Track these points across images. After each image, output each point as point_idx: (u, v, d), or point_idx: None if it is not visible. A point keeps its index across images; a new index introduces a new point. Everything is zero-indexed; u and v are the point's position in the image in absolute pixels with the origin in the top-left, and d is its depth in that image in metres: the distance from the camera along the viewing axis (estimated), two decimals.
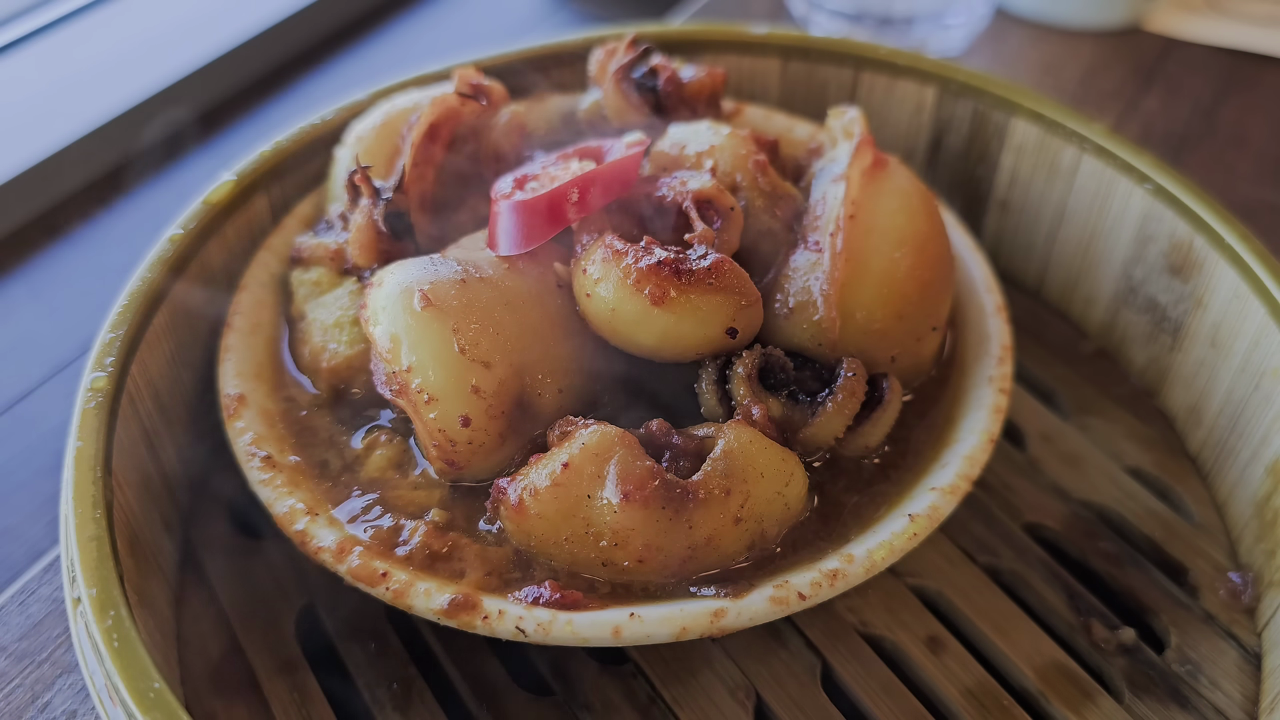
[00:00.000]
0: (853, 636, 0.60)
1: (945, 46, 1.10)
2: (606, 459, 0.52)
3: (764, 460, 0.54)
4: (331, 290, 0.65)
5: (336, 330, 0.63)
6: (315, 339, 0.63)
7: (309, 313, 0.65)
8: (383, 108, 0.71)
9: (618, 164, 0.61)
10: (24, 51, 1.09)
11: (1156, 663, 0.59)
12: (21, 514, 0.70)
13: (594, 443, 0.52)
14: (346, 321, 0.63)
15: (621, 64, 0.70)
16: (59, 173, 0.97)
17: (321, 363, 0.63)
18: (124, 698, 0.45)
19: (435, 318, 0.54)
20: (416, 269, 0.57)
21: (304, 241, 0.68)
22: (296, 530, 0.55)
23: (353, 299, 0.63)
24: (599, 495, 0.52)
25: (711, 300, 0.55)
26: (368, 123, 0.70)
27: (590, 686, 0.57)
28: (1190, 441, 0.71)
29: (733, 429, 0.54)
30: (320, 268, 0.66)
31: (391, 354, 0.55)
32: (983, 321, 0.67)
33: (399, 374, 0.55)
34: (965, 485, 0.57)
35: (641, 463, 0.52)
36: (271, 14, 1.14)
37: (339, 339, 0.62)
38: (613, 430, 0.53)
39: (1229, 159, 0.96)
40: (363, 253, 0.63)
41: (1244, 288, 0.63)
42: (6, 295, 0.88)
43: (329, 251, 0.66)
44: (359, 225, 0.63)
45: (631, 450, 0.52)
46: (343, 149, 0.70)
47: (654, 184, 0.61)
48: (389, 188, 0.63)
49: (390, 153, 0.68)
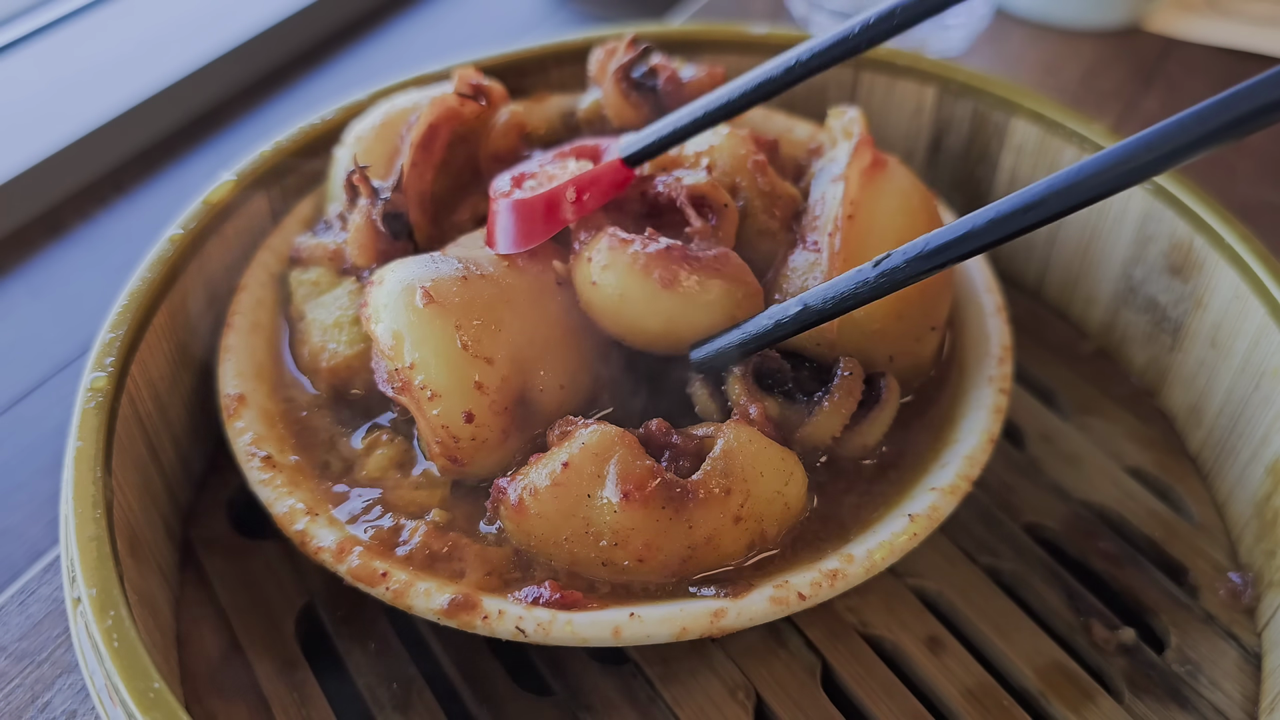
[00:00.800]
0: (853, 636, 0.60)
1: (945, 46, 1.10)
2: (606, 459, 0.52)
3: (764, 459, 0.54)
4: (330, 290, 0.65)
5: (336, 330, 0.63)
6: (314, 339, 0.63)
7: (308, 313, 0.65)
8: (382, 108, 0.71)
9: (615, 164, 0.61)
10: (24, 51, 1.09)
11: (1156, 663, 0.59)
12: (21, 514, 0.70)
13: (594, 442, 0.52)
14: (346, 321, 0.63)
15: (621, 64, 0.70)
16: (59, 173, 0.97)
17: (321, 363, 0.63)
18: (124, 698, 0.45)
19: (438, 314, 0.54)
20: (417, 267, 0.57)
21: (303, 242, 0.68)
22: (296, 530, 0.55)
23: (352, 299, 0.63)
24: (599, 495, 0.52)
25: (718, 287, 0.56)
26: (367, 123, 0.70)
27: (590, 686, 0.57)
28: (1190, 441, 0.71)
29: (732, 428, 0.54)
30: (319, 268, 0.66)
31: (394, 351, 0.55)
32: (983, 321, 0.67)
33: (401, 371, 0.55)
34: (965, 485, 0.57)
35: (641, 462, 0.52)
36: (271, 14, 1.14)
37: (338, 339, 0.62)
38: (613, 430, 0.53)
39: (1229, 159, 0.96)
40: (361, 253, 0.63)
41: (1244, 288, 0.63)
42: (6, 295, 0.88)
43: (328, 252, 0.66)
44: (357, 225, 0.62)
45: (631, 450, 0.52)
46: (342, 149, 0.70)
47: (651, 182, 0.62)
48: (387, 188, 0.63)
49: (389, 153, 0.68)
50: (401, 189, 0.63)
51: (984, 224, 0.46)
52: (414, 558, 0.54)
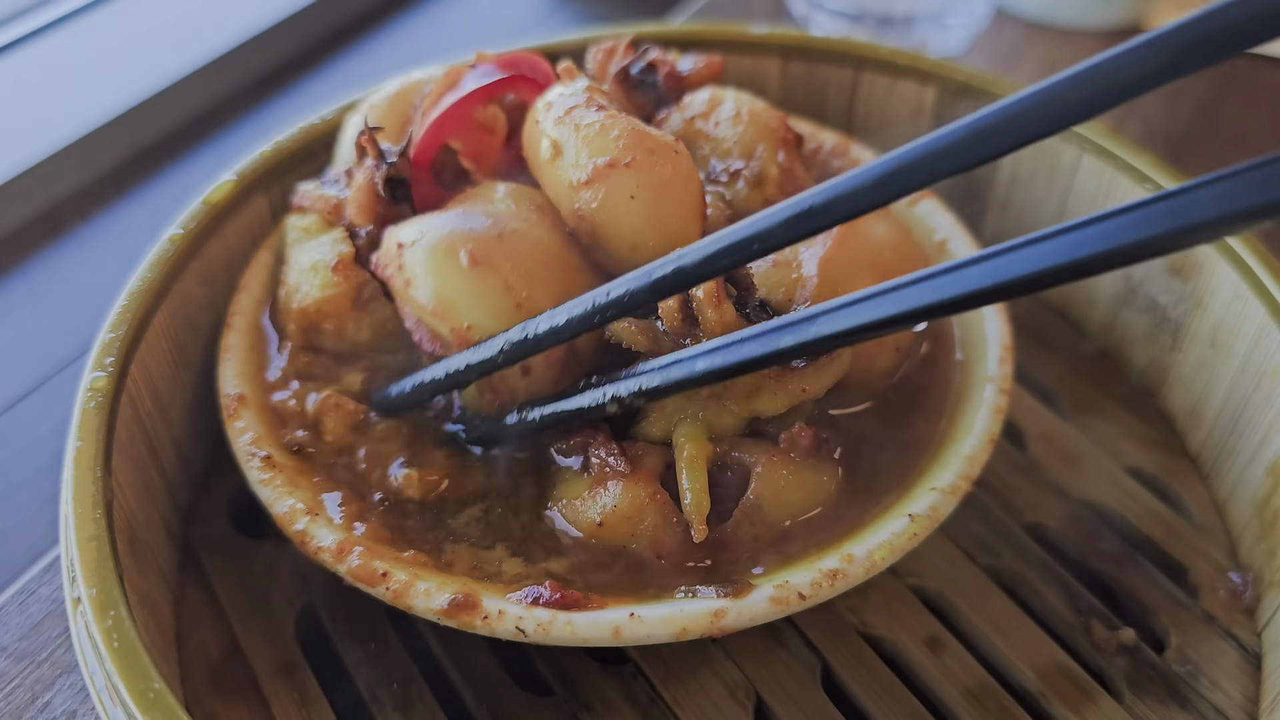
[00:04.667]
0: (853, 636, 0.60)
1: (945, 46, 1.10)
2: (638, 523, 0.54)
3: (797, 491, 0.56)
4: (316, 237, 0.65)
5: (311, 273, 0.63)
6: (290, 280, 0.64)
7: (291, 256, 0.65)
8: (397, 79, 0.72)
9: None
10: (24, 51, 1.09)
11: (1156, 663, 0.59)
12: (21, 514, 0.70)
13: (624, 506, 0.54)
14: (322, 265, 0.63)
15: (621, 66, 0.70)
16: (59, 173, 0.97)
17: (293, 303, 0.63)
18: (124, 698, 0.45)
19: (489, 274, 0.55)
20: (448, 225, 0.57)
21: (306, 189, 0.68)
22: (296, 530, 0.55)
23: (333, 245, 0.64)
24: (632, 546, 0.55)
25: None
26: (382, 93, 0.71)
27: (590, 686, 0.57)
28: (1190, 441, 0.71)
29: (764, 462, 0.55)
30: (314, 215, 0.67)
31: (446, 315, 0.55)
32: (982, 321, 0.67)
33: (458, 331, 0.55)
34: (965, 485, 0.57)
35: (671, 528, 0.54)
36: (271, 14, 1.14)
37: (311, 282, 0.63)
38: (643, 494, 0.54)
39: (1229, 159, 0.96)
40: (359, 212, 0.63)
41: (1244, 288, 0.63)
42: (6, 295, 0.88)
43: (327, 204, 0.67)
44: (359, 185, 0.63)
45: (662, 512, 0.54)
46: (354, 114, 0.71)
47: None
48: (394, 152, 0.63)
49: (401, 122, 0.69)
50: (408, 155, 0.63)
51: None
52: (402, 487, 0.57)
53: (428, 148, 0.63)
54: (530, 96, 0.64)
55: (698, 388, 0.53)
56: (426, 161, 0.63)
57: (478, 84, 0.63)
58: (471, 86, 0.63)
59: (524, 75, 0.65)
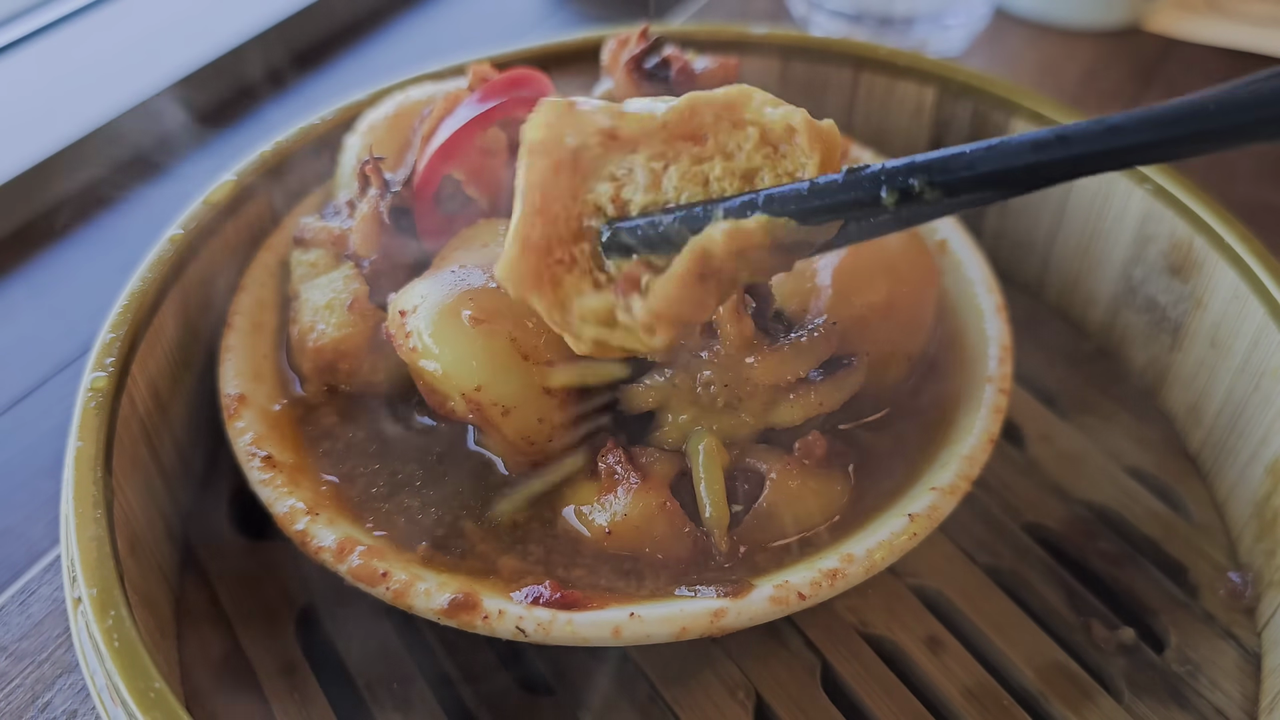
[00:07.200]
0: (853, 636, 0.60)
1: (945, 46, 1.10)
2: (647, 532, 0.54)
3: (809, 501, 0.56)
4: (327, 273, 0.65)
5: (326, 311, 0.63)
6: (305, 318, 0.64)
7: (302, 292, 0.65)
8: (396, 98, 0.71)
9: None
10: (24, 51, 1.09)
11: (1156, 663, 0.59)
12: (21, 514, 0.70)
13: (635, 514, 0.54)
14: (338, 304, 0.63)
15: (633, 54, 0.69)
16: (59, 173, 0.97)
17: (308, 342, 0.63)
18: (124, 698, 0.45)
19: (493, 332, 0.55)
20: (446, 286, 0.57)
21: (308, 223, 0.68)
22: (296, 530, 0.55)
23: (346, 283, 0.64)
24: (644, 551, 0.55)
25: None
26: (380, 112, 0.71)
27: (590, 686, 0.57)
28: (1190, 441, 0.71)
29: (778, 470, 0.55)
30: (320, 250, 0.66)
31: (457, 379, 0.55)
32: (982, 321, 0.67)
33: (469, 395, 0.55)
34: (965, 485, 0.57)
35: (681, 538, 0.54)
36: (271, 14, 1.14)
37: (328, 320, 0.63)
38: (653, 503, 0.54)
39: (1229, 159, 0.96)
40: (364, 242, 0.63)
41: (1244, 288, 0.63)
42: (7, 295, 0.88)
43: (331, 236, 0.66)
44: (364, 215, 0.63)
45: (671, 521, 0.54)
46: (353, 136, 0.71)
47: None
48: (398, 181, 0.63)
49: (400, 145, 0.68)
50: (411, 183, 0.63)
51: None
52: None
53: (430, 178, 0.63)
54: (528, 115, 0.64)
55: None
56: (429, 192, 0.63)
57: (475, 112, 0.63)
58: (469, 116, 0.63)
59: (521, 99, 0.65)
